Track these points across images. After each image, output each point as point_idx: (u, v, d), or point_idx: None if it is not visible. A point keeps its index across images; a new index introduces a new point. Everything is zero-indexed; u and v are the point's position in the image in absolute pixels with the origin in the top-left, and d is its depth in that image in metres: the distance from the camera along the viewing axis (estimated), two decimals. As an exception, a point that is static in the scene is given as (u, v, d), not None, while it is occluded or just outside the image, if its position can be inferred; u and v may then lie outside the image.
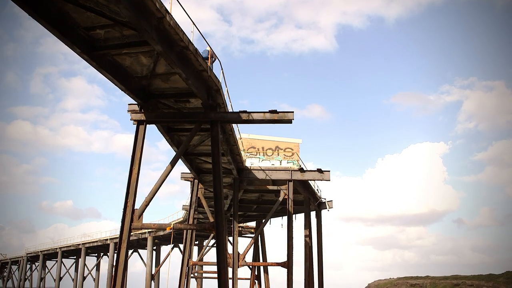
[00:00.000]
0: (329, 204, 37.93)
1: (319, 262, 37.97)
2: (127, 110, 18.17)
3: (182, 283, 28.19)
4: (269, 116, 18.24)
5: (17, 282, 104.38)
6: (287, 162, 30.11)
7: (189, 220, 29.18)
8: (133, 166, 17.14)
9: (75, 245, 76.23)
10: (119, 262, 16.54)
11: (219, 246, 17.18)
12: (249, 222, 49.05)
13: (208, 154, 23.33)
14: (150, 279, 57.22)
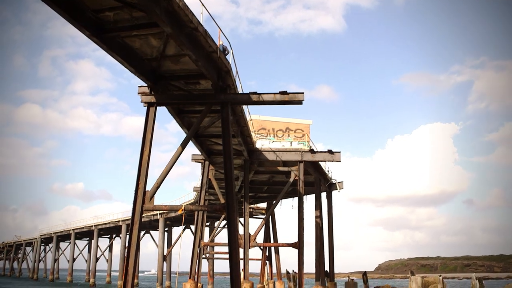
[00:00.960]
0: (339, 185, 37.93)
1: (330, 243, 38.08)
2: (138, 93, 18.19)
3: (193, 263, 28.43)
4: (279, 97, 18.19)
5: (32, 263, 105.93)
6: (297, 143, 30.10)
7: (200, 201, 29.34)
8: (144, 148, 17.21)
9: (88, 226, 77.02)
10: (131, 243, 16.70)
11: (230, 227, 17.27)
12: (260, 203, 49.24)
13: (218, 135, 23.35)
14: (162, 260, 57.80)
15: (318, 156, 30.10)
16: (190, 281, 27.45)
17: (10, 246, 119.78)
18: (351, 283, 39.07)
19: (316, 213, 34.95)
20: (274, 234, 46.77)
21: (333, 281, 38.18)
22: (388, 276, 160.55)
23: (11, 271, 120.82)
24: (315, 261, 33.92)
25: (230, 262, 16.79)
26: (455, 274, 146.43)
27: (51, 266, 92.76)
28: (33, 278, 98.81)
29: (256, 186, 37.39)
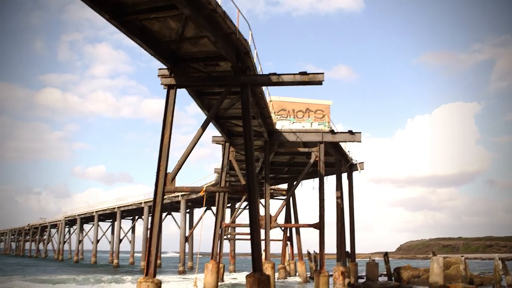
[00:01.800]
0: (360, 165, 37.82)
1: (351, 224, 38.08)
2: (157, 75, 18.24)
3: (215, 244, 28.66)
4: (299, 78, 18.11)
5: (57, 245, 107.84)
6: (318, 124, 29.98)
7: (221, 183, 29.48)
8: (164, 130, 17.30)
9: (111, 208, 77.99)
10: (154, 224, 16.88)
11: (251, 208, 17.35)
12: (280, 184, 49.32)
13: (238, 117, 23.34)
14: (184, 241, 58.37)
15: (338, 137, 29.99)
16: (212, 261, 27.70)
17: (35, 228, 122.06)
18: (372, 264, 39.10)
19: (337, 193, 34.92)
20: (295, 215, 46.92)
21: (354, 261, 38.25)
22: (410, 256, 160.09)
23: (37, 252, 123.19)
24: (336, 241, 33.97)
25: (252, 242, 16.90)
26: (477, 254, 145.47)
27: (76, 248, 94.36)
28: (58, 259, 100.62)
29: (276, 167, 37.42)
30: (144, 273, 16.34)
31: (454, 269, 35.87)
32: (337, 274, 29.35)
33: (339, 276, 29.28)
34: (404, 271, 40.99)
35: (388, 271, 41.68)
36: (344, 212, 36.07)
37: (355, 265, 38.20)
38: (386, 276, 42.32)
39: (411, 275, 40.29)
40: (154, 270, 16.30)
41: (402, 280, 39.08)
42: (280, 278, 44.57)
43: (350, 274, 35.63)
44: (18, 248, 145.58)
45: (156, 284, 15.86)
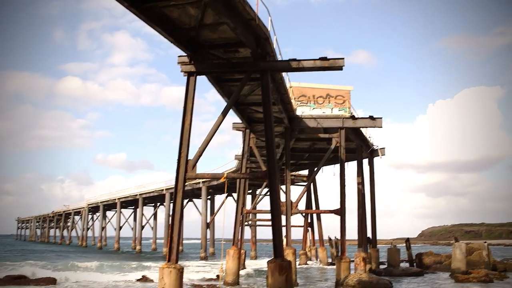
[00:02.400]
0: (381, 151, 37.62)
1: (372, 210, 37.99)
2: (177, 62, 18.26)
3: (236, 230, 28.81)
4: (319, 64, 18.00)
5: (81, 232, 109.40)
6: (338, 109, 29.83)
7: (241, 169, 29.55)
8: (185, 117, 17.36)
9: (133, 195, 78.75)
10: (175, 211, 17.01)
11: (272, 194, 17.38)
12: (301, 170, 49.29)
13: (259, 103, 23.31)
14: (206, 227, 58.76)
15: (359, 122, 29.83)
16: (233, 247, 27.87)
17: (59, 215, 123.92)
18: (393, 250, 39.02)
19: (358, 179, 34.80)
20: (316, 201, 46.91)
21: (375, 247, 38.19)
22: (431, 242, 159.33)
23: (62, 239, 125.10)
24: (357, 227, 33.93)
25: (273, 229, 16.94)
26: (500, 240, 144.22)
27: (99, 234, 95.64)
28: (82, 245, 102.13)
29: (297, 153, 37.39)
30: (166, 259, 16.50)
31: (476, 255, 35.63)
32: (358, 260, 29.34)
33: (360, 262, 29.27)
34: (426, 257, 40.85)
35: (410, 257, 41.57)
36: (365, 198, 35.97)
37: (377, 251, 38.14)
38: (407, 262, 42.25)
39: (433, 261, 40.12)
40: (176, 256, 16.45)
41: (424, 266, 38.97)
42: (301, 264, 44.70)
43: (371, 260, 35.63)
44: (43, 235, 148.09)
45: (178, 270, 16.02)
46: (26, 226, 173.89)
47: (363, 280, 25.63)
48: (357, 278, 25.93)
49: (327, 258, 46.14)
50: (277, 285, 15.75)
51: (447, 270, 35.33)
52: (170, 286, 15.76)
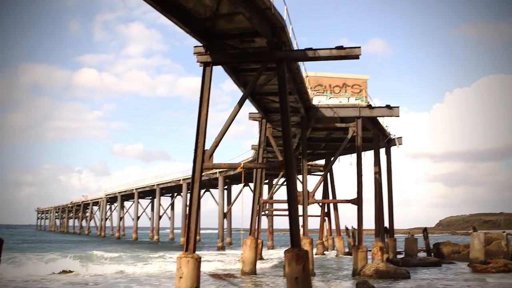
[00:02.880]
0: (398, 140, 37.39)
1: (389, 199, 37.83)
2: (193, 53, 18.28)
3: (253, 220, 28.88)
4: (335, 53, 17.91)
5: (99, 222, 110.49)
6: (355, 99, 29.69)
7: (258, 159, 29.58)
8: (201, 108, 17.39)
9: (150, 186, 79.28)
10: (192, 201, 17.09)
11: (289, 184, 17.39)
12: (318, 160, 49.22)
13: (275, 93, 23.28)
14: (223, 217, 59.00)
15: (376, 111, 29.67)
16: (250, 237, 27.96)
17: (78, 205, 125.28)
18: (411, 239, 38.87)
19: (375, 169, 34.65)
20: (332, 190, 46.83)
21: (392, 237, 38.07)
22: (449, 232, 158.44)
23: (80, 229, 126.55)
24: (374, 217, 33.83)
25: (290, 218, 16.96)
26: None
27: (117, 224, 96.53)
28: (101, 235, 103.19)
29: (313, 143, 37.32)
30: (184, 248, 16.61)
31: (495, 245, 35.35)
32: (375, 250, 29.29)
33: (377, 252, 29.21)
34: (444, 246, 40.63)
35: (427, 246, 41.41)
36: (382, 187, 35.83)
37: (394, 240, 38.02)
38: (425, 252, 42.08)
39: (451, 251, 39.91)
40: (193, 246, 16.55)
41: (441, 255, 38.78)
42: (318, 254, 44.74)
43: (388, 249, 35.54)
44: (62, 225, 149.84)
45: (196, 260, 16.12)
46: (46, 216, 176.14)
47: (380, 269, 25.60)
48: (374, 268, 25.90)
49: (344, 247, 46.11)
50: (294, 274, 15.79)
51: (465, 260, 35.13)
52: (187, 275, 15.87)
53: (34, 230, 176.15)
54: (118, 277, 24.81)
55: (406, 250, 38.72)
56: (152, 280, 23.66)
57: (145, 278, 24.54)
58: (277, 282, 22.80)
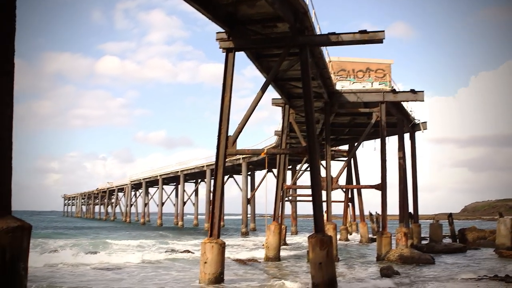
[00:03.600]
0: (423, 125, 36.98)
1: (414, 184, 37.54)
2: (215, 39, 18.29)
3: (277, 206, 28.95)
4: (359, 37, 17.75)
5: (124, 208, 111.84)
6: (378, 83, 29.42)
7: (281, 145, 29.57)
8: (224, 94, 17.43)
9: (174, 172, 79.86)
10: (216, 187, 17.20)
11: (312, 170, 17.37)
12: (341, 145, 49.01)
13: (298, 78, 23.20)
14: (246, 203, 59.24)
15: (400, 96, 29.38)
16: (274, 223, 28.05)
17: (103, 192, 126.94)
18: (436, 225, 38.58)
19: (399, 154, 34.38)
20: (356, 176, 46.61)
21: (417, 222, 37.84)
22: (475, 218, 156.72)
23: (106, 215, 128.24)
24: (399, 202, 33.61)
25: (313, 204, 16.97)
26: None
27: (142, 210, 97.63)
28: (126, 221, 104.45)
29: (337, 128, 37.13)
30: (208, 234, 16.75)
31: (522, 230, 34.87)
32: (399, 235, 29.15)
33: (401, 237, 29.08)
34: (469, 232, 40.23)
35: (452, 232, 41.07)
36: (406, 172, 35.57)
37: (418, 226, 37.80)
38: (450, 238, 41.76)
39: (477, 237, 39.51)
40: (218, 232, 16.69)
41: (467, 241, 38.42)
42: (342, 239, 44.70)
43: (413, 235, 35.35)
44: (89, 211, 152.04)
45: (220, 245, 16.25)
46: (72, 203, 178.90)
47: (405, 255, 25.50)
48: (398, 253, 25.81)
49: (368, 233, 45.97)
50: (318, 259, 15.83)
51: (491, 246, 34.75)
52: (212, 260, 16.03)
53: (61, 216, 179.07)
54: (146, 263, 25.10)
55: (430, 236, 38.45)
56: (176, 266, 23.91)
57: (169, 263, 24.81)
58: (301, 268, 22.87)
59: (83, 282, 17.89)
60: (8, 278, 4.31)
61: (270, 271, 22.05)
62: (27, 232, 4.57)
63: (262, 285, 16.48)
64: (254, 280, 18.38)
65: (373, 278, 19.39)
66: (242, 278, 18.91)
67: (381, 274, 19.59)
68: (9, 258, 4.33)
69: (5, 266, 4.30)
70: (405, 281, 18.60)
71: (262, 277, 19.78)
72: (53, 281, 17.83)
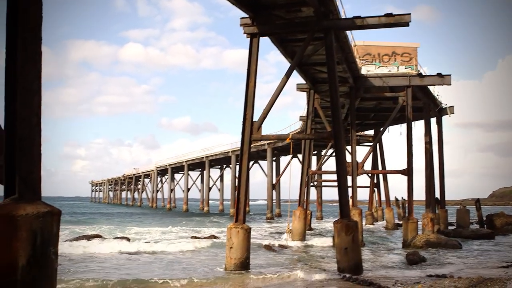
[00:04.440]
0: (450, 109, 36.48)
1: (440, 169, 37.16)
2: (240, 24, 18.23)
3: (302, 191, 28.97)
4: (384, 20, 17.55)
5: (151, 194, 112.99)
6: (404, 67, 29.07)
7: (306, 130, 29.50)
8: (249, 79, 17.41)
9: (199, 158, 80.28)
10: (241, 173, 17.26)
11: (338, 155, 17.30)
12: (367, 130, 48.70)
13: (323, 63, 23.06)
14: (271, 188, 59.36)
15: (427, 80, 28.99)
16: (299, 208, 28.09)
17: (130, 178, 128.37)
18: (463, 210, 38.18)
19: (426, 139, 34.01)
20: (382, 161, 46.30)
21: (444, 208, 37.50)
22: (503, 203, 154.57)
23: (133, 200, 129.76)
24: (425, 187, 33.32)
25: (339, 189, 16.93)
26: None
27: (168, 196, 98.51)
28: (153, 207, 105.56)
29: (362, 113, 36.88)
30: (234, 219, 16.85)
31: (552, 215, 34.34)
32: (426, 221, 28.95)
33: (428, 223, 28.88)
34: (497, 218, 39.69)
35: (480, 218, 40.59)
36: (433, 157, 35.22)
37: (445, 211, 37.46)
38: (477, 224, 41.29)
39: (505, 222, 38.96)
40: (243, 217, 16.77)
41: (495, 227, 37.93)
42: (368, 225, 44.55)
43: (439, 220, 35.07)
44: (116, 197, 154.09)
45: (245, 230, 16.34)
46: (99, 189, 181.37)
47: (431, 240, 25.31)
48: (424, 239, 25.64)
49: (393, 219, 45.73)
50: (343, 245, 15.82)
51: (520, 231, 34.30)
52: (237, 245, 16.13)
53: (88, 202, 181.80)
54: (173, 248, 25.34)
55: (457, 222, 38.08)
56: (202, 251, 24.13)
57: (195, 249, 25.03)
58: (326, 253, 22.89)
59: (113, 266, 18.18)
60: (39, 262, 4.40)
61: (295, 256, 22.11)
62: (57, 217, 4.65)
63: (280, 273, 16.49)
64: (279, 265, 18.46)
65: (399, 265, 19.30)
66: (267, 263, 19.01)
67: (407, 260, 19.48)
68: (40, 242, 4.42)
69: (36, 250, 4.39)
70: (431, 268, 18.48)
71: (287, 262, 19.85)
72: (82, 266, 18.16)
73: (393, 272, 17.03)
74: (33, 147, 4.69)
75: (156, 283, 13.96)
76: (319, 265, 18.14)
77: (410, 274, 16.33)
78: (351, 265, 15.63)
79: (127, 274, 16.02)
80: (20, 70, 4.70)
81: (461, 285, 12.79)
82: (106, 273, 16.35)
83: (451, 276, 15.11)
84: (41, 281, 4.42)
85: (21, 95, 4.68)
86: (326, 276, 15.29)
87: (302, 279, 14.80)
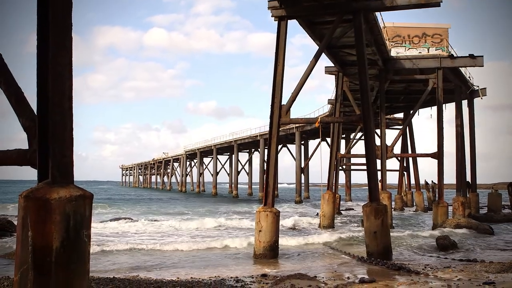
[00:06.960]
0: (482, 91, 35.78)
1: (472, 153, 36.59)
2: (267, 7, 18.11)
3: (331, 175, 28.88)
4: (414, 1, 17.26)
5: (180, 178, 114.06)
6: (435, 49, 28.59)
7: (335, 113, 29.32)
8: (277, 63, 17.33)
9: (228, 142, 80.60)
10: (270, 156, 17.27)
11: (367, 138, 17.17)
12: (396, 113, 48.22)
13: (351, 46, 22.82)
14: (300, 172, 59.34)
15: (458, 61, 28.45)
16: (328, 191, 28.04)
17: (159, 162, 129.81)
18: (495, 194, 37.60)
19: (457, 121, 33.49)
20: (411, 144, 45.88)
21: (475, 192, 37.01)
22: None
23: (162, 184, 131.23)
24: (456, 171, 32.88)
25: (368, 173, 16.83)
26: None
27: (197, 180, 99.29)
28: (182, 191, 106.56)
29: (392, 96, 36.47)
30: (262, 203, 16.90)
31: None
32: (456, 205, 28.63)
33: (459, 207, 28.55)
34: (531, 202, 39.04)
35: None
36: (464, 140, 34.69)
37: (476, 195, 36.97)
38: (510, 208, 40.68)
39: (539, 206, 38.32)
40: (272, 200, 16.81)
41: (528, 211, 37.34)
42: (397, 209, 44.26)
43: (470, 205, 34.64)
44: (145, 181, 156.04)
45: (274, 213, 16.39)
46: (130, 173, 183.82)
47: (462, 225, 25.04)
48: (455, 223, 25.37)
49: (423, 202, 45.32)
50: (372, 228, 15.76)
51: (553, 215, 33.67)
52: (266, 229, 16.20)
53: (119, 186, 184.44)
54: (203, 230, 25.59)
55: (489, 206, 37.54)
56: (232, 234, 24.32)
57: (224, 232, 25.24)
58: (355, 236, 22.82)
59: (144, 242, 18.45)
60: (72, 244, 4.50)
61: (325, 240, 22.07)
62: (89, 201, 4.73)
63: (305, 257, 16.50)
64: (309, 250, 18.49)
65: (429, 249, 19.16)
66: (296, 247, 19.07)
67: (438, 244, 19.30)
68: (73, 225, 4.52)
69: (70, 233, 4.49)
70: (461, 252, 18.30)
71: (317, 246, 19.86)
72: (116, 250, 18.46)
73: (423, 257, 16.93)
74: (66, 132, 4.77)
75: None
76: (348, 249, 18.11)
77: (440, 259, 16.21)
78: (380, 249, 15.58)
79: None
80: (52, 56, 4.77)
81: (492, 270, 12.66)
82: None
83: (482, 261, 14.97)
84: (74, 263, 4.52)
85: (53, 81, 4.76)
86: (354, 260, 15.28)
87: (329, 263, 14.81)
